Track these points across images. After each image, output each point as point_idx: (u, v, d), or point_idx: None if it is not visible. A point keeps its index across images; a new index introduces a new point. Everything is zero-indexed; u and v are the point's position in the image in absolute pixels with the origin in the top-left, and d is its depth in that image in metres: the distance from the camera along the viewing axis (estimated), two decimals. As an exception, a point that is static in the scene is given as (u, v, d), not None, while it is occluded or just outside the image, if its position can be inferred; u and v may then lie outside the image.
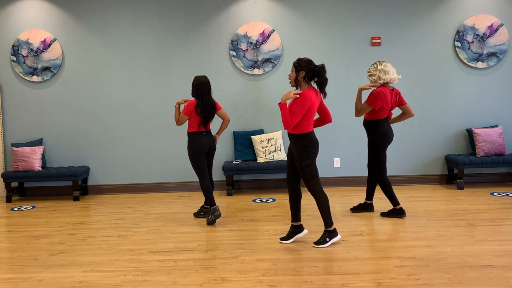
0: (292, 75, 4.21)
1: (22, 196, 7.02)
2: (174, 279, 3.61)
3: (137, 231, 4.99)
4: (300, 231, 4.44)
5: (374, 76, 5.00)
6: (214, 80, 6.91)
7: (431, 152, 6.98)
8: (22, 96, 6.98)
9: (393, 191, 5.14)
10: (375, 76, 5.00)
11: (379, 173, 5.14)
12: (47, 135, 7.01)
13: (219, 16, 6.91)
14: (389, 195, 5.15)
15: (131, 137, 7.01)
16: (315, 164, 4.22)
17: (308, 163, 4.16)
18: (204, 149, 5.18)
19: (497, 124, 6.87)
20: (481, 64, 6.84)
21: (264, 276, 3.61)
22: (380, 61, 5.04)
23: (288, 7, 6.89)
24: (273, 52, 6.88)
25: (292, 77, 4.21)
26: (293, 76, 4.20)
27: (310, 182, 4.20)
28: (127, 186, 7.06)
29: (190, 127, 5.19)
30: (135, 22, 6.92)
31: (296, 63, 4.19)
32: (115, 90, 7.00)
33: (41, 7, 6.91)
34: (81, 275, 3.77)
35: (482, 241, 4.28)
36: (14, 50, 6.90)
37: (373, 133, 5.09)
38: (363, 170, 6.92)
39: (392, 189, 5.14)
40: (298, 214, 4.41)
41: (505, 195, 6.08)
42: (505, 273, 3.54)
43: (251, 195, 6.58)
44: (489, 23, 6.79)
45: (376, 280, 3.46)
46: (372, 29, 6.88)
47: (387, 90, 5.01)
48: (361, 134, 6.91)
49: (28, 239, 4.82)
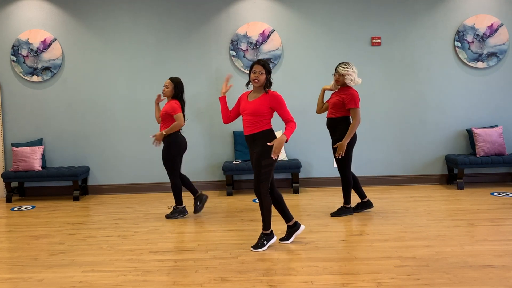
0: (263, 77, 4.14)
1: (22, 196, 7.02)
2: (174, 279, 3.61)
3: (137, 231, 4.99)
4: (297, 229, 4.45)
5: (352, 76, 5.00)
6: (214, 80, 6.92)
7: (431, 152, 6.98)
8: (22, 96, 6.98)
9: (359, 185, 5.36)
10: (352, 77, 5.01)
11: (347, 170, 5.19)
12: (47, 135, 7.01)
13: (219, 16, 6.91)
14: (357, 191, 5.36)
15: (131, 137, 7.01)
16: (274, 166, 4.19)
17: (269, 162, 4.13)
18: (186, 149, 5.44)
19: (497, 124, 6.87)
20: (481, 64, 6.84)
21: (264, 276, 3.61)
22: (349, 63, 5.06)
23: (288, 7, 6.89)
24: (273, 52, 6.88)
25: (263, 79, 4.14)
26: (263, 78, 4.14)
27: (263, 183, 4.13)
28: (127, 186, 7.06)
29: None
30: (135, 22, 6.92)
31: (266, 67, 4.15)
32: (115, 90, 7.00)
33: (41, 7, 6.90)
34: (81, 275, 3.77)
35: (482, 241, 4.28)
36: (14, 50, 6.90)
37: (343, 131, 5.05)
38: (363, 170, 6.92)
39: (358, 184, 5.34)
40: (287, 214, 4.41)
41: (505, 195, 6.08)
42: (505, 273, 3.53)
43: (251, 195, 6.58)
44: (489, 23, 6.79)
45: (376, 280, 3.46)
46: (372, 29, 6.88)
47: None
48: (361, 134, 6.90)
49: (28, 239, 4.82)
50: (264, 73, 4.14)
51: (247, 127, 4.19)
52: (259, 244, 4.24)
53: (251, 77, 4.19)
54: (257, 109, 4.13)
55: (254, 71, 4.16)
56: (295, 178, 6.69)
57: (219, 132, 6.95)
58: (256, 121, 4.13)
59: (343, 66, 5.02)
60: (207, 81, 6.97)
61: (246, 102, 4.23)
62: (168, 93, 5.32)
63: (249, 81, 4.25)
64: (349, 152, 5.12)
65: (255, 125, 4.14)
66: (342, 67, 5.01)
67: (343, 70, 5.00)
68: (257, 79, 4.14)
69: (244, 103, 4.25)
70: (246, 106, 4.20)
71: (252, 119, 4.14)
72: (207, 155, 7.04)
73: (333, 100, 5.11)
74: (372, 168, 7.00)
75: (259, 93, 4.21)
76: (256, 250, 4.19)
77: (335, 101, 5.06)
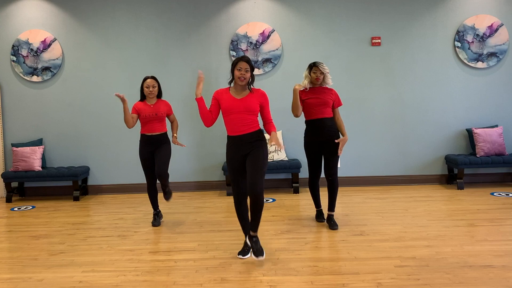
0: (248, 75, 3.97)
1: (22, 196, 7.02)
2: (174, 279, 3.61)
3: (137, 231, 4.99)
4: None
5: (329, 75, 4.83)
6: (214, 80, 6.92)
7: (431, 152, 6.98)
8: (22, 96, 6.98)
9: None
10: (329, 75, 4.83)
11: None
12: (47, 135, 7.01)
13: (219, 16, 6.91)
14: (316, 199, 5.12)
15: (131, 137, 6.99)
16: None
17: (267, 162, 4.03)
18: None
19: (497, 124, 6.87)
20: (481, 64, 6.84)
21: (264, 276, 3.61)
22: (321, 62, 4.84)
23: (288, 7, 6.89)
24: (273, 52, 6.88)
25: (248, 77, 3.96)
26: (249, 76, 3.98)
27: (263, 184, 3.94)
28: (127, 186, 7.06)
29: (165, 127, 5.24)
30: (135, 22, 6.92)
31: (251, 64, 3.99)
32: (115, 90, 6.96)
33: (41, 7, 6.90)
34: (81, 275, 3.77)
35: (482, 241, 4.28)
36: (14, 50, 6.90)
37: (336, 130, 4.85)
38: (363, 170, 6.93)
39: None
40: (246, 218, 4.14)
41: (505, 195, 6.08)
42: (505, 273, 3.53)
43: (251, 195, 6.57)
44: (489, 23, 6.79)
45: (376, 280, 3.46)
46: (372, 29, 6.88)
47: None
48: (361, 134, 6.91)
49: (28, 239, 4.81)
50: (249, 71, 3.95)
51: (240, 126, 3.93)
52: (260, 250, 3.93)
53: (236, 75, 3.93)
54: (251, 106, 3.94)
55: (239, 68, 3.92)
56: (295, 178, 6.69)
57: (219, 132, 6.93)
58: (251, 119, 3.95)
59: (323, 65, 4.77)
60: (207, 81, 6.95)
61: (232, 100, 3.97)
62: (156, 92, 5.16)
63: (233, 79, 4.00)
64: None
65: (250, 124, 3.95)
66: (323, 66, 4.76)
67: (325, 68, 4.76)
68: (243, 77, 3.93)
69: (229, 101, 3.97)
70: (235, 104, 3.94)
71: (247, 118, 3.93)
72: (207, 155, 7.04)
73: (321, 100, 4.77)
74: (372, 168, 7.00)
75: (243, 91, 4.01)
76: (262, 258, 3.91)
77: (327, 101, 4.78)
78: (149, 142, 5.10)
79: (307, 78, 4.83)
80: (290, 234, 4.69)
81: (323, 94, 4.82)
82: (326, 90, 4.85)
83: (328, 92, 4.85)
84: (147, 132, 5.11)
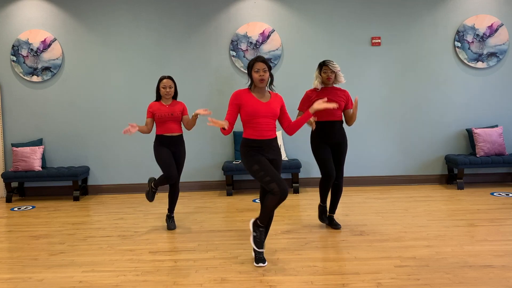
0: (267, 75, 3.83)
1: (22, 196, 7.02)
2: (174, 279, 3.61)
3: (137, 231, 4.99)
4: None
5: (340, 72, 4.62)
6: (214, 80, 6.92)
7: (431, 152, 6.98)
8: (22, 96, 6.98)
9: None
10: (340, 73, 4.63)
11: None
12: (47, 135, 7.01)
13: (219, 16, 6.91)
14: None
15: (131, 137, 7.00)
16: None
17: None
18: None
19: (497, 124, 6.87)
20: (481, 64, 6.84)
21: (264, 276, 3.61)
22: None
23: (288, 7, 6.89)
24: (273, 52, 6.88)
25: (267, 77, 3.83)
26: (268, 76, 3.83)
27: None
28: (127, 186, 7.06)
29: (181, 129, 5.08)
30: (135, 22, 6.92)
31: (268, 63, 3.84)
32: (115, 90, 7.00)
33: (41, 7, 6.90)
34: (81, 275, 3.77)
35: (482, 241, 4.28)
36: (14, 50, 6.90)
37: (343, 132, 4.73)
38: (363, 170, 6.93)
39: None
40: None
41: (505, 195, 6.08)
42: (505, 273, 3.53)
43: (251, 195, 6.58)
44: (489, 23, 6.79)
45: (376, 280, 3.46)
46: (372, 29, 6.88)
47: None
48: (361, 134, 6.91)
49: (28, 239, 4.81)
50: (267, 70, 3.80)
51: (267, 131, 3.80)
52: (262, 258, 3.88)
53: (255, 77, 3.78)
54: (276, 111, 3.83)
55: (257, 70, 3.78)
56: (295, 178, 6.68)
57: (219, 132, 6.94)
58: (274, 125, 3.86)
59: (333, 63, 4.54)
60: (207, 81, 6.97)
61: (258, 104, 3.80)
62: (172, 93, 4.98)
63: (252, 82, 3.84)
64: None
65: (273, 130, 3.86)
66: (333, 64, 4.53)
67: (335, 67, 4.53)
68: (263, 78, 3.77)
69: (255, 104, 3.80)
70: (262, 108, 3.79)
71: (272, 122, 3.83)
72: (207, 155, 7.04)
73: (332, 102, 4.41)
74: (372, 168, 7.00)
75: (265, 93, 3.88)
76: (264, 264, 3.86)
77: (338, 103, 4.56)
78: (167, 143, 4.92)
79: (317, 79, 4.61)
80: (290, 234, 4.69)
81: (334, 95, 4.59)
82: (338, 92, 4.63)
83: (341, 94, 4.63)
84: (164, 133, 4.91)
